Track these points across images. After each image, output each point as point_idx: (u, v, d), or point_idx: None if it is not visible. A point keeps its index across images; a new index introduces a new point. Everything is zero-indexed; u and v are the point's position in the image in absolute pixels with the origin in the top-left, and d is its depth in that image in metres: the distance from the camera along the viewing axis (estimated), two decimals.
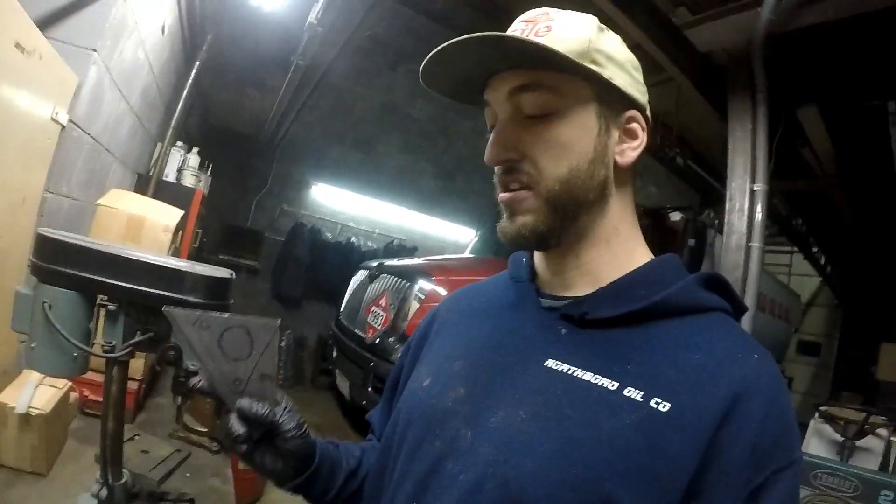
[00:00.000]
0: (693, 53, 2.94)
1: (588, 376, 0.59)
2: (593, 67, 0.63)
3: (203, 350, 0.69)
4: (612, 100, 0.65)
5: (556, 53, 0.60)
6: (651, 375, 0.56)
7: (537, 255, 0.75)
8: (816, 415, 3.24)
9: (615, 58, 0.65)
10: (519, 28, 0.65)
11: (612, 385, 0.57)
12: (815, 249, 6.38)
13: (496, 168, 0.67)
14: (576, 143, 0.64)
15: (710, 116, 3.34)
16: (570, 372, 0.60)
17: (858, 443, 2.94)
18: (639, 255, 0.70)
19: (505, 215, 0.68)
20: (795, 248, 6.71)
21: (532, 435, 0.57)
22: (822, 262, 6.71)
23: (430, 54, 0.64)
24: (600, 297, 0.64)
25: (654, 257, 0.70)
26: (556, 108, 0.64)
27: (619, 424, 0.54)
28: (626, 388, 0.56)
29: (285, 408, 0.72)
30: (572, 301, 0.66)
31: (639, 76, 0.68)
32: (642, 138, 0.67)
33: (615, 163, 0.66)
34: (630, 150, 0.66)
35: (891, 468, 2.75)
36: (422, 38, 6.38)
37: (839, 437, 3.02)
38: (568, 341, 0.64)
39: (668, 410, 0.53)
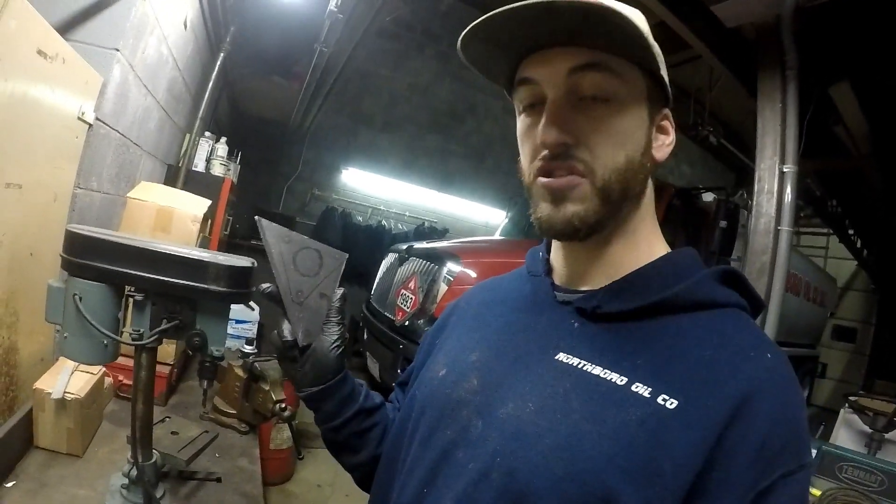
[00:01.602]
0: (720, 29, 2.86)
1: (597, 370, 0.59)
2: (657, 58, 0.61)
3: (279, 259, 0.79)
4: (657, 95, 0.65)
5: (638, 31, 0.55)
6: (660, 371, 0.57)
7: (556, 248, 0.75)
8: (846, 405, 3.16)
9: (658, 54, 0.62)
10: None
11: (620, 380, 0.57)
12: (850, 232, 6.17)
13: (542, 152, 0.63)
14: (633, 134, 0.63)
15: (743, 93, 3.25)
16: (579, 366, 0.61)
17: (888, 435, 2.86)
18: (657, 247, 0.70)
19: (543, 203, 0.64)
20: (831, 231, 6.50)
21: (539, 427, 0.58)
22: (859, 245, 6.49)
23: (485, 17, 0.59)
24: (614, 291, 0.64)
25: (668, 248, 0.70)
26: (618, 93, 0.61)
27: (625, 420, 0.54)
28: (634, 383, 0.56)
29: (333, 323, 0.80)
30: (586, 294, 0.67)
31: (666, 73, 0.66)
32: (673, 135, 0.68)
33: (652, 157, 0.66)
34: (665, 147, 0.67)
35: None
36: (448, 18, 6.35)
37: (868, 429, 2.95)
38: (579, 335, 0.64)
39: (676, 408, 0.53)
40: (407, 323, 3.86)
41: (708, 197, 4.62)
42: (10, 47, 1.15)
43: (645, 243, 0.69)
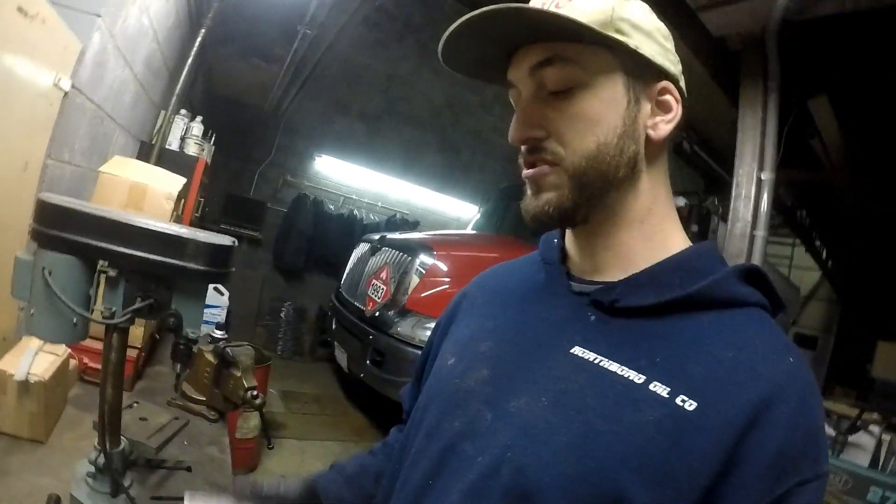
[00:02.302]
0: (707, 37, 2.89)
1: (614, 367, 0.57)
2: (617, 36, 0.59)
3: None
4: (641, 70, 0.62)
5: (574, 23, 0.57)
6: (679, 371, 0.55)
7: (569, 236, 0.73)
8: None
9: (642, 26, 0.61)
10: (539, 1, 0.62)
11: (638, 378, 0.55)
12: (817, 243, 6.34)
13: (522, 147, 0.65)
14: (603, 117, 0.61)
15: (720, 102, 3.29)
16: (596, 361, 0.59)
17: (851, 438, 2.96)
18: (675, 239, 0.67)
19: (529, 192, 0.67)
20: (798, 241, 6.68)
21: (552, 423, 0.57)
22: (824, 256, 6.68)
23: (447, 32, 0.62)
24: (632, 284, 0.62)
25: (690, 243, 0.67)
26: (580, 81, 0.61)
27: (641, 420, 0.53)
28: (652, 382, 0.55)
29: None
30: (603, 287, 0.64)
31: (670, 45, 0.65)
32: (677, 111, 0.64)
33: (648, 137, 0.63)
34: (663, 124, 0.64)
35: (880, 465, 2.77)
36: (430, 8, 6.30)
37: (832, 432, 3.04)
38: (596, 329, 0.62)
39: (694, 410, 0.52)
40: (377, 313, 3.84)
41: (680, 201, 4.68)
42: None
43: (659, 234, 0.66)
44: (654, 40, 0.63)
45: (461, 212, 7.67)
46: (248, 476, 3.26)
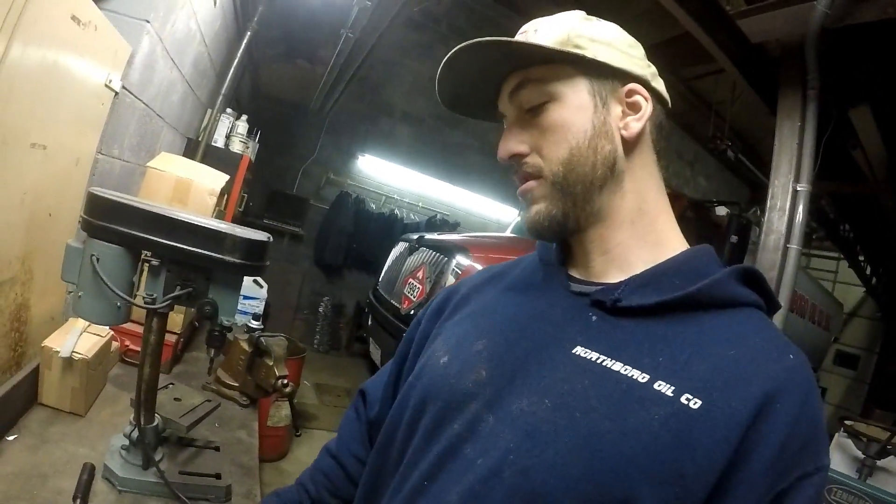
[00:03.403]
0: (745, 44, 2.85)
1: (617, 366, 0.58)
2: (575, 51, 0.65)
3: None
4: (604, 76, 0.67)
5: (534, 46, 0.64)
6: (683, 370, 0.55)
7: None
8: (841, 429, 3.16)
9: (600, 39, 0.67)
10: (517, 39, 0.69)
11: (642, 377, 0.56)
12: (861, 258, 6.11)
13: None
14: (572, 123, 0.66)
15: (763, 110, 3.24)
16: (599, 361, 0.59)
17: (879, 462, 2.86)
18: (670, 240, 0.69)
19: (525, 207, 0.71)
20: (841, 256, 6.45)
21: (556, 425, 0.56)
22: (868, 271, 6.43)
23: (437, 77, 0.70)
24: (633, 285, 0.63)
25: (686, 243, 0.69)
26: (550, 96, 0.66)
27: (647, 419, 0.53)
28: (656, 381, 0.55)
29: None
30: (604, 287, 0.65)
31: (633, 52, 0.69)
32: (645, 108, 0.67)
33: (623, 138, 0.67)
34: (633, 122, 0.67)
35: None
36: (474, 13, 6.34)
37: (861, 455, 2.94)
38: (598, 329, 0.63)
39: (699, 408, 0.52)
40: (413, 312, 3.87)
41: (721, 211, 4.59)
42: (46, 11, 1.19)
43: (652, 233, 0.68)
44: (614, 48, 0.67)
45: (501, 214, 7.65)
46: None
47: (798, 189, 2.78)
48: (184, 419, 1.28)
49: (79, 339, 1.35)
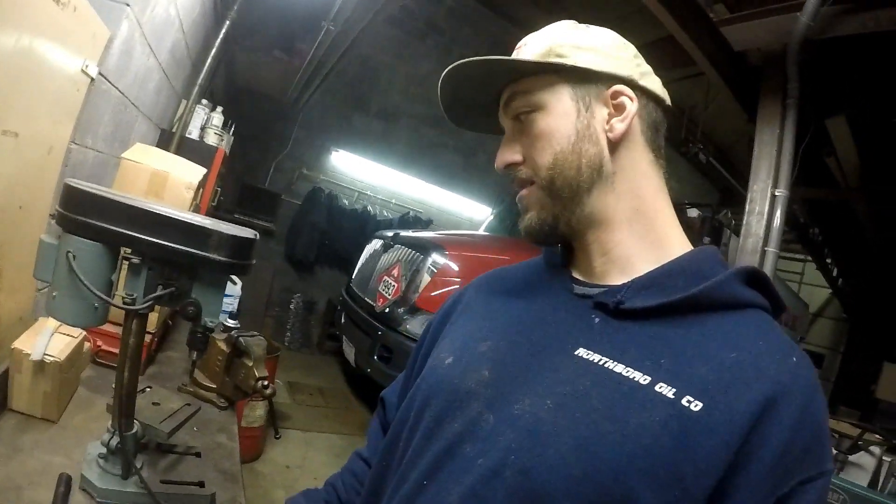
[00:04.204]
0: (727, 51, 2.89)
1: (619, 368, 0.58)
2: (556, 60, 0.66)
3: None
4: (587, 81, 0.68)
5: (513, 61, 0.68)
6: (685, 372, 0.55)
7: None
8: None
9: (584, 45, 0.68)
10: (514, 54, 0.72)
11: (643, 379, 0.56)
12: (828, 260, 6.30)
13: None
14: (556, 130, 0.67)
15: (737, 115, 3.29)
16: (601, 362, 0.59)
17: (851, 458, 2.94)
18: (672, 240, 0.69)
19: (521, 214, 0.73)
20: (809, 257, 6.64)
21: (557, 425, 0.57)
22: (835, 274, 6.64)
23: (440, 96, 0.74)
24: (636, 287, 0.63)
25: (689, 243, 0.69)
26: (535, 105, 0.70)
27: (648, 421, 0.53)
28: (658, 383, 0.55)
29: None
30: (607, 289, 0.65)
31: (622, 53, 0.70)
32: (629, 109, 0.67)
33: (609, 139, 0.67)
34: (618, 123, 0.67)
35: (879, 486, 2.75)
36: (452, 9, 6.30)
37: (833, 451, 3.02)
38: (601, 331, 0.63)
39: (700, 411, 0.52)
40: (387, 310, 3.85)
41: (693, 213, 4.67)
42: None
43: (651, 233, 0.68)
44: (599, 52, 0.68)
45: (474, 212, 7.68)
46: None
47: (776, 194, 2.83)
48: (164, 425, 1.22)
49: (50, 340, 1.28)
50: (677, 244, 0.68)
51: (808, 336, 7.98)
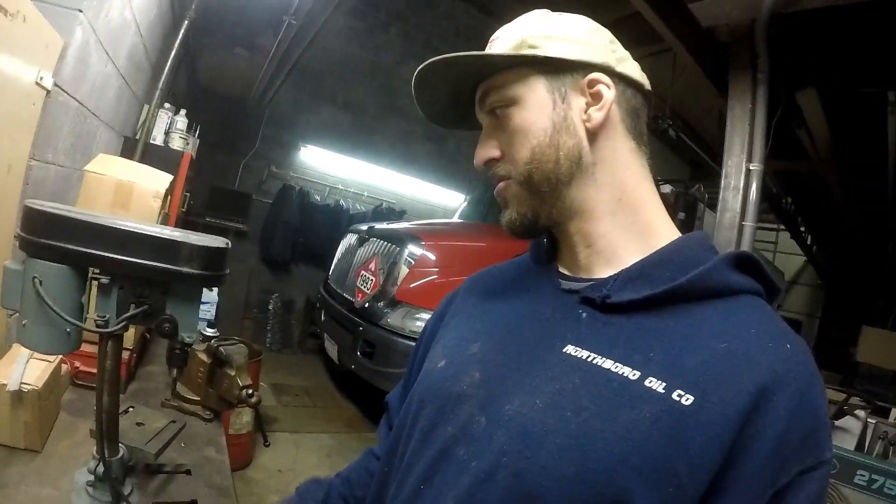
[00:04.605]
0: (696, 28, 2.88)
1: (608, 364, 0.57)
2: (528, 52, 0.65)
3: None
4: (561, 71, 0.66)
5: (484, 56, 0.66)
6: (674, 365, 0.54)
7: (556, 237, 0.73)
8: None
9: (555, 34, 0.66)
10: (487, 48, 0.71)
11: (632, 374, 0.55)
12: (802, 229, 6.42)
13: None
14: (532, 124, 0.65)
15: (706, 90, 3.29)
16: (589, 359, 0.58)
17: (837, 423, 2.99)
18: (659, 228, 0.67)
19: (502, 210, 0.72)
20: (782, 227, 6.76)
21: (548, 425, 0.56)
22: (809, 241, 6.77)
23: (414, 96, 0.72)
24: (623, 279, 0.62)
25: (677, 231, 0.67)
26: (510, 100, 0.67)
27: (638, 417, 0.52)
28: (647, 378, 0.54)
29: None
30: (593, 283, 0.64)
31: (596, 39, 0.67)
32: (607, 97, 0.65)
33: (588, 129, 0.66)
34: (595, 112, 0.65)
35: (866, 448, 2.81)
36: None
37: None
38: (588, 326, 0.62)
39: (691, 404, 0.51)
40: (367, 305, 3.82)
41: (666, 188, 4.70)
42: None
43: (636, 223, 0.66)
44: (572, 41, 0.66)
45: (448, 200, 7.63)
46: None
47: (751, 168, 2.85)
48: (150, 445, 1.19)
49: (25, 367, 1.23)
50: (664, 232, 0.67)
51: (785, 304, 8.17)
